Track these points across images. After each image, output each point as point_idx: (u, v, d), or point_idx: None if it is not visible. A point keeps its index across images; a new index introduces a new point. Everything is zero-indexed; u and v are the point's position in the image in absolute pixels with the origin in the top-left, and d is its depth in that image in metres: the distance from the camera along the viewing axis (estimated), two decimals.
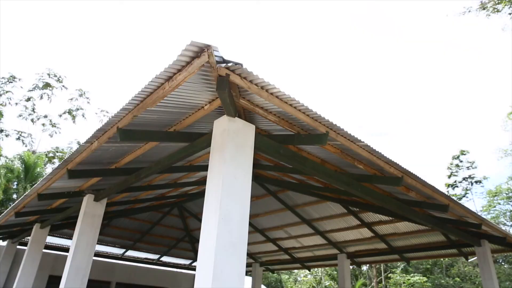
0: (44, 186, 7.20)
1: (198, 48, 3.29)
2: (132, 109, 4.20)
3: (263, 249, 14.96)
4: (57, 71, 39.72)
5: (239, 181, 4.08)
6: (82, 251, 7.32)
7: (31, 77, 50.41)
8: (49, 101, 34.70)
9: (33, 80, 34.45)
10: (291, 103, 4.04)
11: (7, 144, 36.42)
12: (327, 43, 79.25)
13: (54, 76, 35.01)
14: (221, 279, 3.59)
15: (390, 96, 77.31)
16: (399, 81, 75.36)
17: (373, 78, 77.24)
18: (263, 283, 28.09)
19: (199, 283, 3.70)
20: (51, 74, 34.90)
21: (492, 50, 45.60)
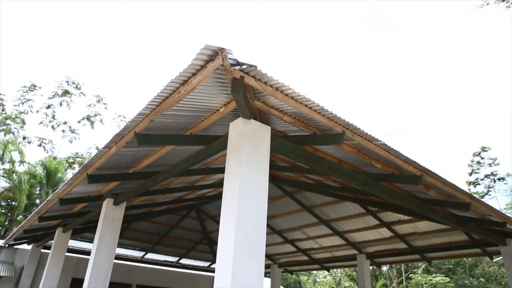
0: (65, 191, 7.36)
1: (212, 52, 3.31)
2: (148, 114, 4.26)
3: (281, 250, 14.92)
4: (75, 78, 40.63)
5: (255, 183, 4.09)
6: (103, 254, 7.46)
7: (50, 85, 51.66)
8: (68, 108, 35.48)
9: (52, 88, 35.32)
10: (306, 103, 4.02)
11: (29, 150, 37.33)
12: (337, 43, 78.67)
13: (73, 83, 35.78)
14: (239, 280, 3.59)
15: (406, 94, 76.17)
16: (414, 78, 74.18)
17: (388, 76, 76.26)
18: (282, 285, 28.02)
19: (218, 285, 3.71)
20: (69, 82, 35.68)
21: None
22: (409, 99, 74.95)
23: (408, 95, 75.48)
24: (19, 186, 24.19)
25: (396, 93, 76.33)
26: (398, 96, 77.04)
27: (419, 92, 72.95)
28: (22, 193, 24.05)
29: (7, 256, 13.84)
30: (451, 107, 66.31)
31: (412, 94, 74.83)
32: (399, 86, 75.02)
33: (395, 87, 74.75)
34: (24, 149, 29.98)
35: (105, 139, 5.04)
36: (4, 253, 13.81)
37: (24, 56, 55.87)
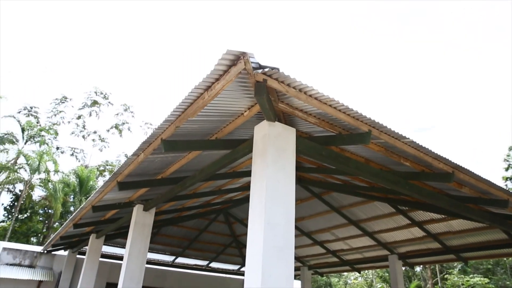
0: (97, 199, 7.59)
1: (234, 56, 3.33)
2: (174, 120, 4.33)
3: (310, 252, 14.79)
4: (103, 88, 41.87)
5: (282, 185, 4.08)
6: (134, 259, 7.63)
7: (80, 96, 53.42)
8: (97, 118, 36.66)
9: (82, 99, 36.54)
10: (330, 103, 3.97)
11: (62, 160, 38.84)
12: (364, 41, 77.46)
13: (101, 94, 36.94)
14: (269, 283, 3.59)
15: (434, 89, 74.06)
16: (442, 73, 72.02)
17: (414, 71, 74.40)
18: (313, 287, 27.73)
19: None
20: (98, 92, 36.84)
21: None
22: (439, 94, 72.88)
23: (440, 91, 73.40)
24: (55, 195, 25.15)
25: (428, 89, 74.36)
26: (427, 92, 75.03)
27: (451, 88, 70.80)
28: (57, 201, 24.99)
29: (46, 261, 14.41)
30: (483, 102, 63.93)
31: (444, 90, 72.70)
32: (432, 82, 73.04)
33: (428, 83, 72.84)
34: (58, 159, 31.17)
35: (133, 147, 5.16)
36: (43, 259, 14.38)
37: (54, 69, 58.10)
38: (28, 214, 30.42)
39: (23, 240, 28.09)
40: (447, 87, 72.22)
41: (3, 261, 13.57)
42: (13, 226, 27.41)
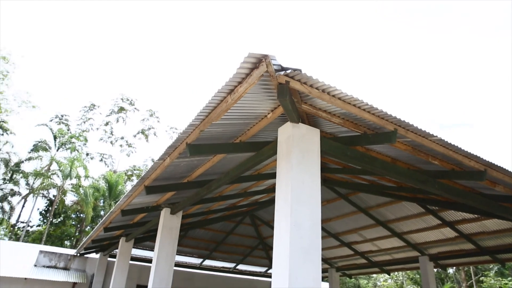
0: (126, 203, 7.77)
1: (256, 59, 3.35)
2: (198, 124, 4.39)
3: (338, 253, 14.61)
4: (129, 94, 42.89)
5: (307, 186, 4.06)
6: (163, 261, 7.77)
7: (107, 103, 54.90)
8: (124, 124, 37.64)
9: (109, 106, 37.58)
10: (354, 103, 3.93)
11: (92, 166, 40.07)
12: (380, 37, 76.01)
13: (127, 100, 37.89)
14: (296, 285, 3.57)
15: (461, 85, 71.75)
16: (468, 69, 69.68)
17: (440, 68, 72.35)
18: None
19: None
20: (124, 99, 37.79)
21: None
22: (466, 90, 70.55)
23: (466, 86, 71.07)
24: (86, 199, 25.97)
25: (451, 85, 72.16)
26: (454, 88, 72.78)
27: (490, 85, 68.43)
28: (88, 206, 25.80)
29: (79, 264, 14.89)
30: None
31: (483, 87, 70.30)
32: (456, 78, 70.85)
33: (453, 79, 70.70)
34: (88, 164, 32.17)
35: (159, 151, 5.27)
36: (77, 262, 14.87)
37: (83, 78, 60.00)
38: (62, 218, 31.55)
39: (58, 244, 29.14)
40: (479, 82, 69.83)
41: (40, 263, 14.12)
42: (48, 230, 28.47)
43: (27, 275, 13.20)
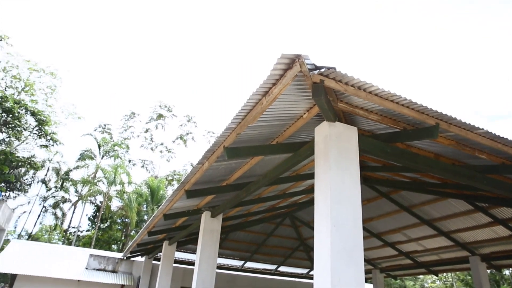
0: (167, 207, 7.99)
1: (289, 60, 3.34)
2: (235, 128, 4.44)
3: (381, 254, 14.22)
4: (167, 101, 44.11)
5: (347, 186, 4.00)
6: (205, 264, 7.90)
7: (146, 111, 56.76)
8: (163, 130, 38.75)
9: (148, 113, 38.87)
10: (392, 99, 3.82)
11: (134, 172, 41.56)
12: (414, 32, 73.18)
13: (165, 107, 39.00)
14: (339, 287, 3.52)
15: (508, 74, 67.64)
16: None
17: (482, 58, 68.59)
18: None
19: None
20: (162, 106, 38.93)
21: None
22: None
23: None
24: (130, 205, 26.94)
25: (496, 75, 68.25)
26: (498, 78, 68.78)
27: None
28: (132, 211, 26.75)
29: (126, 267, 15.49)
30: None
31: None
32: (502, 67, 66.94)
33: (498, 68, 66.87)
34: (130, 171, 33.40)
35: (198, 156, 5.39)
36: (124, 265, 15.48)
37: (122, 88, 62.43)
38: (108, 223, 32.94)
39: (106, 247, 30.45)
40: None
41: (91, 266, 14.83)
42: (96, 234, 29.82)
43: (79, 277, 13.92)
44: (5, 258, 14.23)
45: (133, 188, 30.64)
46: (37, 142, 25.29)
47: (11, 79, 25.25)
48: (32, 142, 25.14)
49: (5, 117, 22.24)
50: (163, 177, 34.27)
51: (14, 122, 22.50)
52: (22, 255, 14.79)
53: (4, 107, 21.51)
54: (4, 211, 17.16)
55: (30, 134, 24.36)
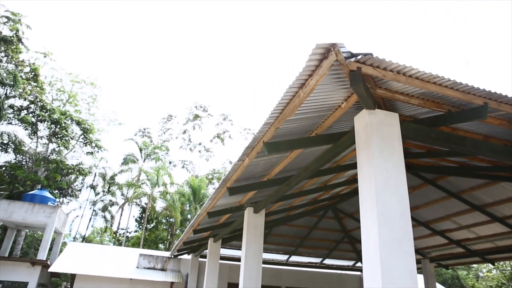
0: (210, 205, 8.15)
1: (324, 49, 3.30)
2: (273, 122, 4.45)
3: (430, 243, 13.73)
4: (202, 102, 44.89)
5: (392, 174, 3.90)
6: (251, 259, 7.99)
7: (182, 112, 58.05)
8: (200, 130, 39.47)
9: (184, 115, 39.73)
10: (434, 81, 3.68)
11: (175, 173, 42.64)
12: None
13: (200, 107, 39.69)
14: (391, 278, 3.45)
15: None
16: None
17: None
18: (437, 281, 25.68)
19: (368, 284, 3.62)
20: (197, 106, 39.66)
21: None
22: None
23: None
24: (173, 205, 27.73)
25: None
26: None
27: None
28: (176, 211, 27.52)
29: (174, 265, 16.00)
30: None
31: None
32: None
33: None
34: (171, 172, 34.33)
35: (236, 153, 5.47)
36: (172, 263, 15.99)
37: (159, 91, 64.17)
38: (154, 223, 34.13)
39: (153, 247, 31.57)
40: None
41: (141, 265, 15.45)
42: (144, 235, 31.00)
43: (132, 276, 14.54)
44: (64, 259, 15.16)
45: (175, 189, 31.51)
46: (84, 150, 26.64)
47: (56, 92, 26.72)
48: (79, 150, 26.50)
49: (53, 128, 23.57)
50: (203, 176, 34.95)
51: (62, 132, 23.80)
52: (79, 256, 15.69)
53: (53, 118, 22.79)
54: (60, 216, 18.22)
55: (77, 142, 25.67)
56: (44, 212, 17.35)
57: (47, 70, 25.60)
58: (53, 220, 17.37)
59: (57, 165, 23.41)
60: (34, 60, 23.95)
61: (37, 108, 22.75)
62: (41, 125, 23.62)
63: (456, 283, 34.63)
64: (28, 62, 22.99)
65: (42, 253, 16.96)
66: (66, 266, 14.73)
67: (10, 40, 20.83)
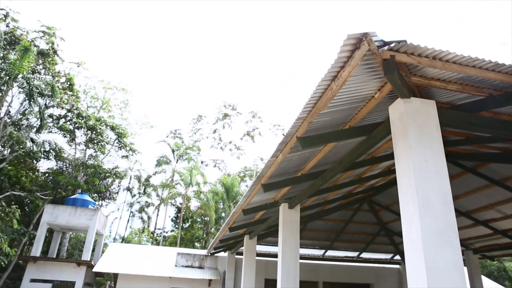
0: (245, 202, 8.21)
1: (356, 40, 3.25)
2: (306, 117, 4.42)
3: (473, 233, 13.22)
4: (230, 101, 45.25)
5: (431, 163, 3.79)
6: (288, 255, 7.99)
7: (212, 112, 58.70)
8: (230, 129, 39.83)
9: (214, 114, 40.21)
10: (474, 64, 3.53)
11: (208, 172, 43.19)
12: None
13: (229, 106, 40.02)
14: (436, 271, 3.36)
15: None
16: None
17: None
18: (482, 273, 24.69)
19: (412, 278, 3.55)
20: (226, 105, 40.02)
21: None
22: None
23: None
24: (207, 204, 28.16)
25: None
26: None
27: None
28: (210, 209, 27.93)
29: (211, 263, 16.26)
30: None
31: None
32: None
33: None
34: (204, 171, 34.87)
35: (267, 149, 5.50)
36: (209, 261, 16.26)
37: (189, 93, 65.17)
38: (190, 222, 34.81)
39: (190, 245, 32.23)
40: None
41: (179, 263, 15.82)
42: (180, 234, 31.68)
43: (171, 274, 14.92)
44: (107, 259, 15.77)
45: (208, 188, 31.98)
46: (119, 154, 27.53)
47: (90, 99, 27.73)
48: (114, 154, 27.41)
49: (90, 134, 24.50)
50: (235, 174, 35.28)
51: (98, 137, 24.69)
52: (120, 256, 16.27)
53: (88, 125, 23.69)
54: (100, 218, 18.96)
55: (112, 147, 26.55)
56: (86, 215, 18.11)
57: (81, 79, 26.65)
58: (94, 222, 18.10)
59: (95, 169, 24.33)
60: (69, 70, 25.00)
61: (74, 116, 23.71)
62: (78, 132, 24.62)
63: (503, 275, 33.12)
64: (64, 73, 23.99)
65: (86, 254, 17.74)
66: (109, 266, 15.33)
67: (47, 53, 21.81)
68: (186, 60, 70.86)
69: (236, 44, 72.74)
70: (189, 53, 71.80)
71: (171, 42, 72.80)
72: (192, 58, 71.30)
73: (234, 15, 73.06)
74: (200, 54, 71.39)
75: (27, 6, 49.44)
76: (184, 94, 67.02)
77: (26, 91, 17.57)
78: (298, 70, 72.89)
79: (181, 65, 69.91)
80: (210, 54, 71.09)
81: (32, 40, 21.15)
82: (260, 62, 72.49)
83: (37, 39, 21.99)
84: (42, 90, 18.22)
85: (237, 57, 72.05)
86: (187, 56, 71.48)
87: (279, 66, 72.41)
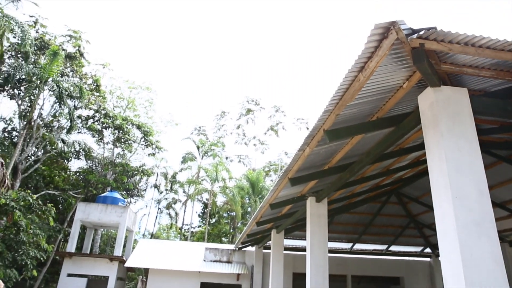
0: (273, 197, 8.23)
1: (383, 29, 3.18)
2: (333, 109, 4.37)
3: (509, 225, 12.75)
4: (253, 96, 45.30)
5: (465, 153, 3.69)
6: (317, 249, 7.97)
7: (235, 107, 58.97)
8: (254, 124, 39.88)
9: (237, 110, 40.36)
10: (510, 48, 3.39)
11: (233, 167, 43.43)
12: None
13: (252, 101, 40.07)
14: (472, 264, 3.28)
15: None
16: None
17: None
18: None
19: (448, 271, 3.47)
20: (249, 100, 40.08)
21: None
22: None
23: None
24: (233, 199, 28.39)
25: None
26: None
27: None
28: (237, 204, 28.16)
29: (239, 257, 16.42)
30: None
31: None
32: None
33: None
34: (229, 167, 35.14)
35: (291, 143, 5.49)
36: (237, 255, 16.43)
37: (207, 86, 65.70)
38: (216, 218, 35.22)
39: (217, 241, 32.63)
40: None
41: (207, 258, 16.07)
42: (207, 229, 32.13)
43: (200, 269, 15.18)
44: (137, 255, 16.20)
45: (234, 183, 32.20)
46: (145, 152, 28.12)
47: (116, 99, 28.41)
48: (141, 152, 28.03)
49: (117, 134, 25.13)
50: (260, 169, 35.35)
51: (125, 136, 25.30)
52: (150, 252, 16.67)
53: (115, 124, 24.31)
54: (130, 215, 19.47)
55: (139, 145, 27.14)
56: (116, 212, 18.64)
57: (106, 80, 27.34)
58: (125, 219, 18.60)
59: (123, 168, 24.97)
60: (95, 71, 25.69)
61: (101, 116, 24.38)
62: (106, 131, 25.31)
63: None
64: (90, 74, 24.68)
65: (118, 249, 18.26)
66: (140, 261, 15.75)
67: (74, 56, 22.49)
68: (208, 57, 71.38)
69: (258, 39, 72.62)
70: (212, 50, 72.26)
71: (194, 39, 73.47)
72: (215, 54, 71.74)
73: (256, 11, 72.88)
74: (223, 50, 71.75)
75: (52, 7, 50.97)
76: (207, 90, 67.60)
77: (56, 93, 18.23)
78: (321, 62, 72.06)
79: (204, 62, 70.50)
80: (233, 49, 71.31)
81: (60, 44, 21.84)
82: (282, 56, 72.09)
83: (64, 43, 22.69)
84: (70, 92, 18.83)
85: (259, 52, 71.96)
86: (209, 52, 72.00)
87: (300, 60, 71.83)
